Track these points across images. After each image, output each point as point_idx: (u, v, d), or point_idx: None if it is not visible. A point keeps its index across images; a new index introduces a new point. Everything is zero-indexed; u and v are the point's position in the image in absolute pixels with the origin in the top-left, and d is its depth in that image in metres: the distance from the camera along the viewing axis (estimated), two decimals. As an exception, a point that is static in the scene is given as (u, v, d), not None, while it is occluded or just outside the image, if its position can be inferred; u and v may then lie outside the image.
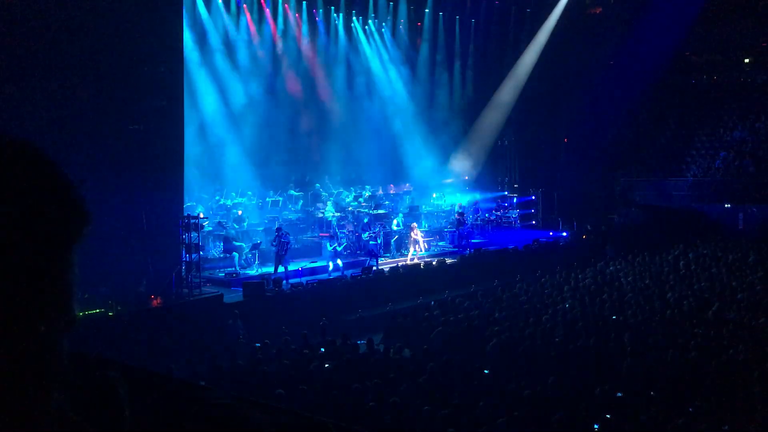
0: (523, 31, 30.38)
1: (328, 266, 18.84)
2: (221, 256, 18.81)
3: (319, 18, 25.54)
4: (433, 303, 16.35)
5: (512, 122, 30.35)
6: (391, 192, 25.20)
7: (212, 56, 22.54)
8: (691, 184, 29.02)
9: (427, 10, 28.32)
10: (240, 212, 20.02)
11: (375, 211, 22.07)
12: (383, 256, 20.58)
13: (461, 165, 28.77)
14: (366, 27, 27.05)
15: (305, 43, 25.18)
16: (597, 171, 31.09)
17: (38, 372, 0.79)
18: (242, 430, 1.15)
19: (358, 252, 20.67)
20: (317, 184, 23.71)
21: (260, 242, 19.07)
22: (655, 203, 28.84)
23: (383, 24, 27.35)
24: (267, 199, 21.77)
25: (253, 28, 23.74)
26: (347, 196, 23.44)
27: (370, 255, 19.72)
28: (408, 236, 21.55)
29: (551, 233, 26.60)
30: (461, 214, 23.28)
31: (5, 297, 0.76)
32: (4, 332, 0.76)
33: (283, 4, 24.42)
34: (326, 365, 11.28)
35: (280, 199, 22.14)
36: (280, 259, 17.52)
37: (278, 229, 17.92)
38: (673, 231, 25.23)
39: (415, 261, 20.67)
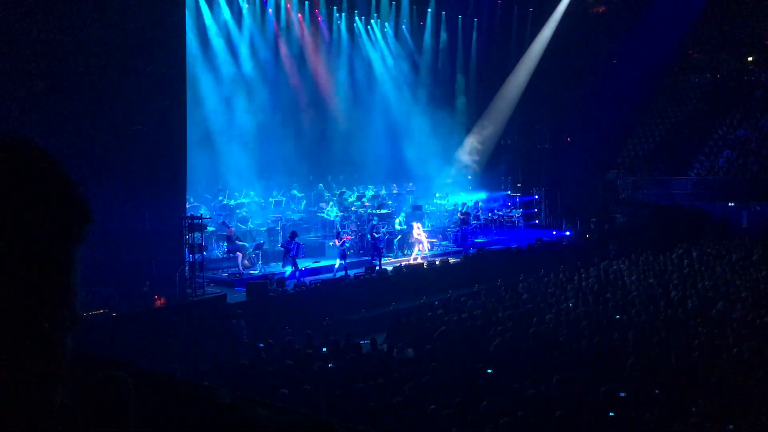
0: (525, 30, 30.40)
1: (334, 264, 18.86)
2: (224, 256, 18.84)
3: (322, 18, 25.56)
4: (436, 302, 16.35)
5: (515, 121, 30.34)
6: (394, 191, 25.17)
7: (214, 56, 22.55)
8: (695, 183, 28.93)
9: (429, 10, 28.32)
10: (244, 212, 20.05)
11: (378, 211, 22.05)
12: (386, 256, 20.56)
13: (464, 164, 28.75)
14: (368, 26, 27.07)
15: (307, 42, 25.19)
16: (600, 170, 31.04)
17: (42, 370, 0.79)
18: (246, 430, 1.15)
19: (361, 252, 20.66)
20: (320, 184, 23.70)
21: (263, 242, 19.10)
22: (658, 202, 28.77)
23: (386, 23, 27.36)
24: (270, 200, 21.76)
25: (255, 28, 23.76)
26: (350, 196, 23.41)
27: (373, 255, 19.71)
28: (411, 236, 21.53)
29: (554, 232, 26.59)
30: (464, 213, 23.26)
31: (9, 295, 0.76)
32: (9, 330, 0.76)
33: (286, 4, 24.44)
34: (330, 365, 11.28)
35: (284, 199, 22.12)
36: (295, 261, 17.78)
37: (293, 234, 18.07)
38: (676, 230, 25.19)
39: (419, 261, 20.65)
